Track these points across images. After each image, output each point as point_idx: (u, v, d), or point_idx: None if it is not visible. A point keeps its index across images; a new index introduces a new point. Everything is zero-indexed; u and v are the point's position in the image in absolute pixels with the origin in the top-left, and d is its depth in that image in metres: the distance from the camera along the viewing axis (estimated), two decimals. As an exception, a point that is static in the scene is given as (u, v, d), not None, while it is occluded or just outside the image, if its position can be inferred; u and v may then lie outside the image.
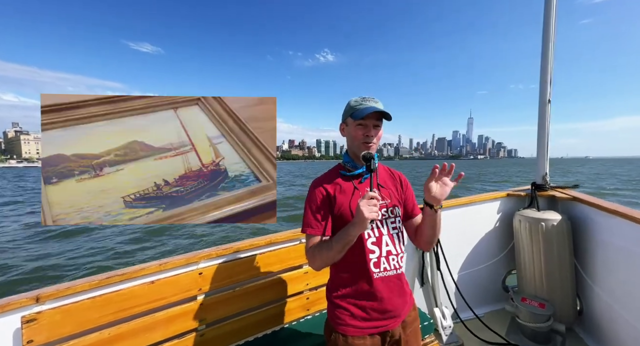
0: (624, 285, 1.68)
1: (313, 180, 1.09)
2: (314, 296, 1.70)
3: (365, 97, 1.03)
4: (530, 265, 2.08)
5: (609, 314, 1.78)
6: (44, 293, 1.12)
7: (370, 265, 0.98)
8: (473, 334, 2.00)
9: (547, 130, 2.25)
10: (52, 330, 1.09)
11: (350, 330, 0.97)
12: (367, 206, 0.85)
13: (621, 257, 1.69)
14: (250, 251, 1.57)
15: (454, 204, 2.22)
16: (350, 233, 0.89)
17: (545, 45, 2.16)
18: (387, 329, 0.99)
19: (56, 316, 1.10)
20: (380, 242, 1.00)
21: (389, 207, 1.05)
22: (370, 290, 0.98)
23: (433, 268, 2.06)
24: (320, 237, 0.99)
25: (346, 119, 1.06)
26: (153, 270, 1.33)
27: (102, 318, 1.18)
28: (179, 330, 1.33)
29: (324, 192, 1.02)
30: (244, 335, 1.49)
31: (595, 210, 1.87)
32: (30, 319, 1.05)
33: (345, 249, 0.92)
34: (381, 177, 1.12)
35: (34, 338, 1.06)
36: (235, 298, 1.48)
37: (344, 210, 1.00)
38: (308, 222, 1.00)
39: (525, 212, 2.12)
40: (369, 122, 1.01)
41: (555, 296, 1.98)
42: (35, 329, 1.06)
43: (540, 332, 1.89)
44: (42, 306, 1.11)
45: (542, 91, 2.23)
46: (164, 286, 1.32)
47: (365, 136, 1.01)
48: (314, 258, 0.97)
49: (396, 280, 1.02)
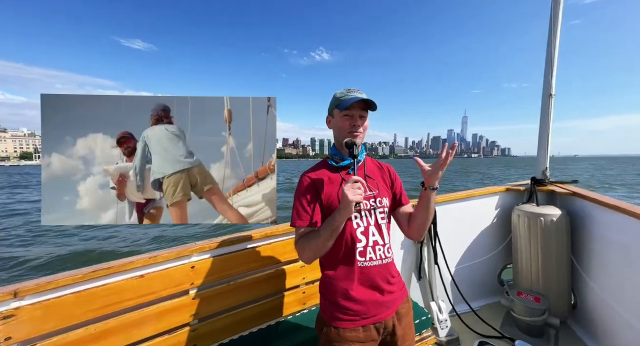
0: (619, 280, 1.68)
1: (302, 173, 1.08)
2: (310, 290, 1.67)
3: (350, 89, 1.04)
4: (527, 260, 2.07)
5: (602, 309, 1.79)
6: (22, 288, 1.04)
7: (357, 253, 0.99)
8: (468, 327, 2.00)
9: (550, 124, 2.21)
10: (33, 326, 1.03)
11: (342, 323, 0.96)
12: (350, 189, 0.87)
13: (618, 253, 1.69)
14: (245, 244, 1.52)
15: (453, 198, 2.19)
16: (336, 218, 0.90)
17: (551, 39, 2.11)
18: (379, 320, 0.98)
19: (36, 312, 1.03)
20: (367, 231, 1.01)
21: (376, 197, 1.04)
22: (358, 281, 0.98)
23: (430, 263, 2.04)
24: (309, 228, 0.99)
25: (332, 111, 1.07)
26: (142, 264, 1.26)
27: (87, 313, 1.11)
28: (171, 325, 1.28)
29: (312, 184, 1.03)
30: (238, 330, 1.45)
31: (595, 206, 1.86)
32: (7, 315, 0.99)
33: (334, 236, 0.92)
34: (369, 168, 1.13)
35: (13, 335, 0.99)
36: (229, 292, 1.43)
37: (332, 201, 1.00)
38: (297, 214, 1.00)
39: (524, 207, 2.10)
40: (355, 112, 1.01)
41: (550, 290, 1.99)
42: (14, 325, 1.00)
43: (535, 326, 1.90)
44: (20, 302, 1.04)
45: (546, 85, 2.18)
46: (154, 281, 1.26)
47: (352, 126, 1.02)
48: (303, 250, 0.98)
49: (382, 269, 1.01)
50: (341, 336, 0.94)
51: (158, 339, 1.25)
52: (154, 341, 1.24)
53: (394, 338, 1.01)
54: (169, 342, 1.27)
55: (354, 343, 0.94)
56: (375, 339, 0.98)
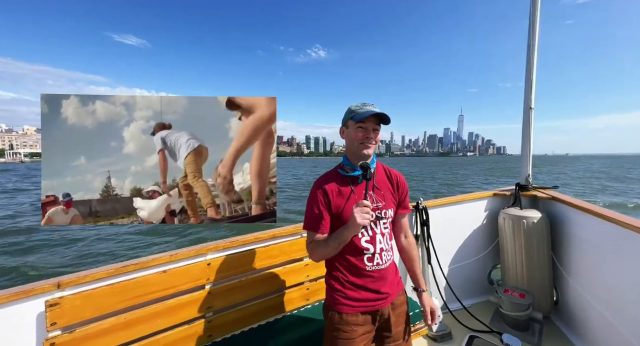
0: (594, 276, 1.85)
1: (315, 179, 1.19)
2: (313, 286, 1.82)
3: (365, 103, 1.12)
4: (512, 259, 2.24)
5: (581, 303, 1.96)
6: (64, 280, 1.20)
7: (365, 260, 1.10)
8: (460, 323, 2.15)
9: (531, 135, 2.42)
10: (73, 313, 1.17)
11: (345, 309, 1.10)
12: (360, 213, 0.95)
13: (592, 252, 1.86)
14: (255, 244, 1.68)
15: (445, 202, 2.37)
16: (344, 234, 1.00)
17: (530, 55, 2.33)
18: (377, 308, 1.13)
19: (76, 301, 1.18)
20: (374, 240, 1.12)
21: (382, 209, 1.14)
22: (364, 280, 1.11)
23: (424, 262, 2.20)
24: (319, 234, 1.10)
25: (347, 122, 1.14)
26: (165, 260, 1.42)
27: (119, 303, 1.26)
28: (189, 317, 1.43)
29: (324, 194, 1.11)
30: (248, 322, 1.59)
31: (571, 209, 2.05)
32: (53, 303, 1.13)
33: (340, 247, 1.05)
34: (379, 178, 1.20)
35: (57, 321, 1.14)
36: (240, 287, 1.58)
37: (341, 212, 1.10)
38: (309, 220, 1.12)
39: (509, 210, 2.29)
40: (369, 125, 1.08)
41: (534, 287, 2.16)
42: (58, 313, 1.14)
43: (520, 320, 2.06)
44: (63, 292, 1.19)
45: (526, 98, 2.40)
46: (175, 276, 1.41)
47: (365, 137, 1.09)
48: (312, 253, 1.11)
49: (386, 271, 1.14)
50: (343, 320, 1.09)
51: (178, 329, 1.39)
52: (175, 330, 1.38)
53: (388, 323, 1.16)
54: (188, 332, 1.41)
55: (355, 325, 1.09)
56: (371, 323, 1.13)
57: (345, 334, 1.08)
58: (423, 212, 2.17)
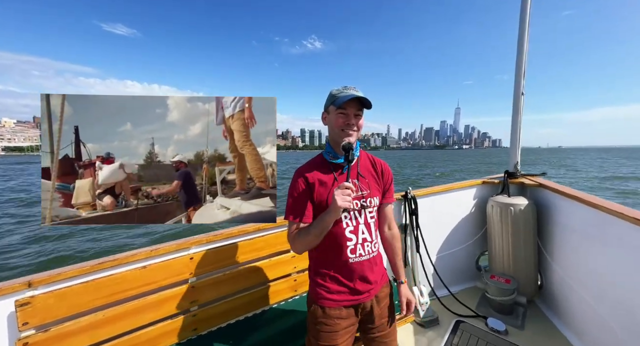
0: (577, 262, 1.89)
1: (297, 168, 1.12)
2: (301, 278, 1.81)
3: (346, 86, 1.05)
4: (499, 245, 2.27)
5: (564, 288, 2.00)
6: (36, 279, 1.15)
7: (347, 251, 1.06)
8: (447, 309, 2.19)
9: (520, 121, 2.40)
10: (47, 312, 1.13)
11: (327, 302, 1.08)
12: (341, 195, 0.91)
13: (576, 237, 1.89)
14: (239, 237, 1.64)
15: (434, 191, 2.36)
16: (325, 219, 0.96)
17: (521, 42, 2.28)
18: (361, 302, 1.10)
19: (49, 300, 1.14)
20: (357, 230, 1.07)
21: (366, 197, 1.09)
22: (346, 273, 1.07)
23: (413, 251, 2.21)
24: (301, 223, 1.05)
25: (328, 107, 1.08)
26: (144, 256, 1.37)
27: (95, 301, 1.22)
28: (173, 311, 1.40)
29: (305, 182, 1.06)
30: (235, 315, 1.58)
31: (557, 196, 2.06)
32: (24, 303, 1.09)
33: (323, 234, 0.99)
34: (362, 166, 1.15)
35: (29, 321, 1.09)
36: (225, 281, 1.55)
37: (323, 200, 1.05)
38: (290, 210, 1.07)
39: (497, 198, 2.29)
40: (350, 110, 1.03)
41: (519, 272, 2.20)
42: (30, 312, 1.10)
43: (505, 305, 2.11)
44: (34, 291, 1.14)
45: (517, 84, 2.36)
46: (156, 271, 1.37)
47: (346, 124, 1.03)
48: (294, 243, 1.05)
49: (369, 263, 1.10)
50: (326, 314, 1.07)
51: (162, 323, 1.37)
52: (159, 325, 1.36)
53: (371, 316, 1.14)
54: (172, 326, 1.39)
55: (337, 319, 1.07)
56: (355, 316, 1.11)
57: (328, 327, 1.06)
58: (412, 201, 2.16)
